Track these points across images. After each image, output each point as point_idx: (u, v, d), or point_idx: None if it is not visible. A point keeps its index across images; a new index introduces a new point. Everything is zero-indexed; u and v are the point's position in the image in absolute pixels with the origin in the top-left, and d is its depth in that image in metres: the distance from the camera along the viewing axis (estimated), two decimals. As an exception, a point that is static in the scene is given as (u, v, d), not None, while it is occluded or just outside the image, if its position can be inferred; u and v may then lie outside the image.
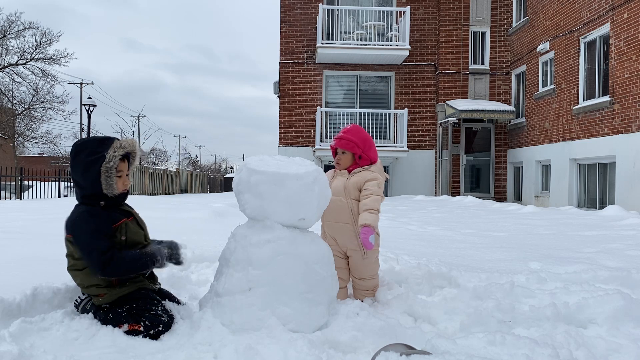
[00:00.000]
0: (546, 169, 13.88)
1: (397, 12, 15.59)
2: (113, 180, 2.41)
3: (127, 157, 2.54)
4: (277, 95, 16.64)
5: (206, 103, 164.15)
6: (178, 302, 2.62)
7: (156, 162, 50.87)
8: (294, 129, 16.19)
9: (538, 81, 14.26)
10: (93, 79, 69.61)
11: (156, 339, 2.34)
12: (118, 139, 2.50)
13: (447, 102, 15.58)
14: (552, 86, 13.33)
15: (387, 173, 3.15)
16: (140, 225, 2.61)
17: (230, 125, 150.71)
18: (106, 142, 2.46)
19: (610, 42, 10.85)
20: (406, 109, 15.46)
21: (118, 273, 2.38)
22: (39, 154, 46.89)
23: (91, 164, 2.40)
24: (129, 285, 2.45)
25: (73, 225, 2.41)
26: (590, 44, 11.90)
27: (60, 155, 44.61)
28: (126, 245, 2.45)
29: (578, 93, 12.18)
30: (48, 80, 27.33)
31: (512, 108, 15.19)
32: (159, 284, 2.71)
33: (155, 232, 2.88)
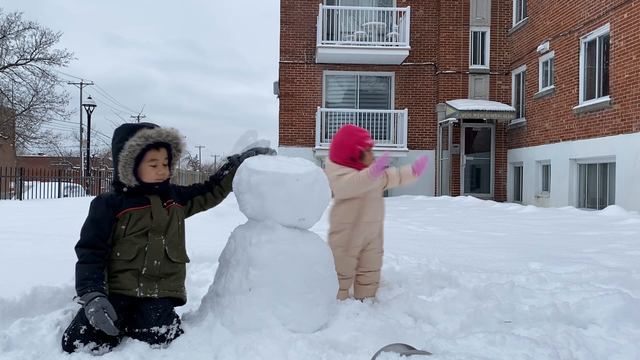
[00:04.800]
0: (546, 169, 13.88)
1: (397, 12, 15.59)
2: (128, 170, 2.32)
3: (167, 146, 2.42)
4: (277, 95, 16.64)
5: (198, 101, 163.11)
6: (154, 340, 2.23)
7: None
8: (294, 129, 16.19)
9: (538, 81, 14.26)
10: (79, 77, 68.79)
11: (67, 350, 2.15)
12: (147, 127, 2.36)
13: (447, 102, 15.58)
14: (552, 86, 13.32)
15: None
16: (154, 216, 2.37)
17: (225, 125, 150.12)
18: (135, 130, 2.34)
19: (610, 42, 10.85)
20: (406, 109, 15.46)
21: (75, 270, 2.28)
22: (39, 154, 46.87)
23: (116, 152, 2.36)
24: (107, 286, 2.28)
25: None
26: (590, 44, 11.90)
27: (60, 155, 44.60)
28: (127, 234, 2.31)
29: (578, 93, 12.18)
30: (48, 80, 27.35)
31: (512, 108, 15.19)
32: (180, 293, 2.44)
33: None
